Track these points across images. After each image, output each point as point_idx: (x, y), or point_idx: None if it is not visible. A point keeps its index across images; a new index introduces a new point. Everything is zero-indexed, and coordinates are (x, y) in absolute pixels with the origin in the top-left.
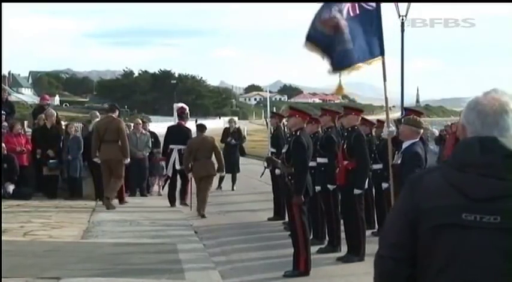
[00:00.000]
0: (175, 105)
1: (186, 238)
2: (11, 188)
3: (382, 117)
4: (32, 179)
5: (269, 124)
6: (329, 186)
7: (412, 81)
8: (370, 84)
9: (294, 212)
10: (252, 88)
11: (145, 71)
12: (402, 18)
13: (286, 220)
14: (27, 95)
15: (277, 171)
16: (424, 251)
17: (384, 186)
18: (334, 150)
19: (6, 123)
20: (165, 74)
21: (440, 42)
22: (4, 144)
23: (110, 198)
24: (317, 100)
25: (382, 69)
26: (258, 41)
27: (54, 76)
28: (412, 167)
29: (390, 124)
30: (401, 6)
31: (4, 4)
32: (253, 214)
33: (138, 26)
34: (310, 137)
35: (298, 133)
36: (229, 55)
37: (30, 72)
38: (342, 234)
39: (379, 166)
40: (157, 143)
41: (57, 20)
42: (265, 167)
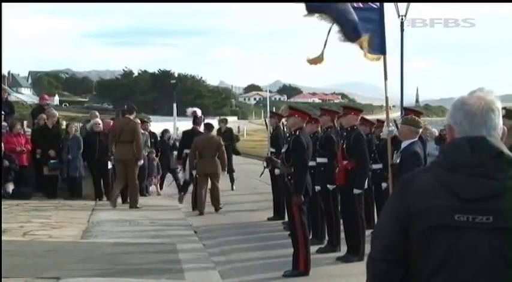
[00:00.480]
0: (188, 109)
1: (186, 238)
2: (10, 188)
3: (381, 116)
4: (32, 179)
5: (268, 124)
6: (329, 186)
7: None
8: (370, 84)
9: (293, 212)
10: (251, 88)
11: (145, 71)
12: (402, 18)
13: (286, 220)
14: (27, 95)
15: (277, 171)
16: (416, 252)
17: (384, 186)
18: (334, 150)
19: (5, 123)
20: (165, 74)
21: (440, 42)
22: (3, 144)
23: (135, 205)
24: (316, 100)
25: (384, 68)
26: (258, 41)
27: (54, 76)
28: (410, 167)
29: (390, 124)
30: (401, 6)
31: (4, 4)
32: (252, 214)
33: (138, 25)
34: (310, 136)
35: (298, 133)
36: (228, 55)
37: (29, 72)
38: (342, 234)
39: (379, 166)
40: (156, 143)
41: (57, 20)
42: (264, 167)
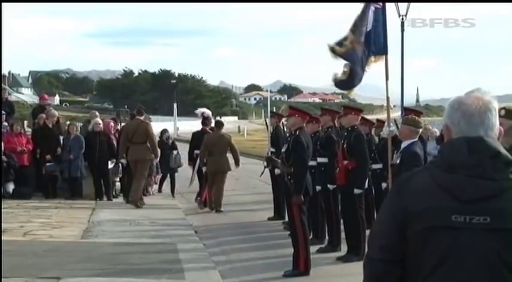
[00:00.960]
0: (198, 110)
1: (186, 238)
2: (11, 188)
3: (381, 116)
4: (32, 179)
5: (269, 124)
6: (329, 186)
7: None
8: (371, 83)
9: (293, 212)
10: (251, 88)
11: (145, 71)
12: (402, 18)
13: (286, 220)
14: (27, 95)
15: (277, 171)
16: (414, 252)
17: (384, 185)
18: (334, 150)
19: (6, 123)
20: (165, 74)
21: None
22: (4, 144)
23: (135, 200)
24: (317, 100)
25: (385, 68)
26: (258, 40)
27: (54, 76)
28: (410, 167)
29: (391, 124)
30: (401, 6)
31: (4, 4)
32: (253, 214)
33: (138, 25)
34: (311, 136)
35: (298, 133)
36: (229, 55)
37: (30, 72)
38: (342, 234)
39: (379, 166)
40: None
41: (57, 20)
42: (265, 167)
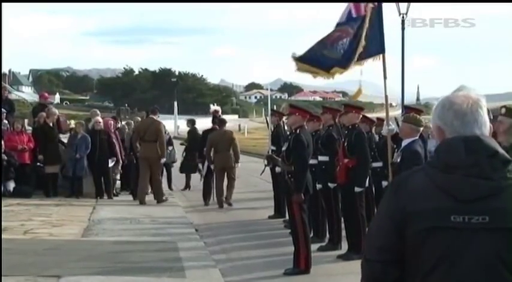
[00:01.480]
0: (212, 107)
1: (187, 236)
2: (11, 186)
3: (382, 115)
4: (33, 177)
5: (269, 122)
6: (330, 184)
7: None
8: (371, 82)
9: (294, 210)
10: (252, 86)
11: (146, 69)
12: (403, 16)
13: (287, 218)
14: (28, 93)
15: (278, 169)
16: (412, 253)
17: (384, 184)
18: (335, 149)
19: (6, 121)
20: (166, 72)
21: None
22: (4, 142)
23: (159, 199)
24: (317, 98)
25: (383, 67)
26: (258, 39)
27: (55, 74)
28: (411, 165)
29: (390, 122)
30: (402, 5)
31: (4, 4)
32: (253, 212)
33: (138, 24)
34: (312, 135)
35: (298, 131)
36: (229, 53)
37: (30, 70)
38: (343, 232)
39: (379, 164)
40: None
41: (57, 19)
42: (265, 165)
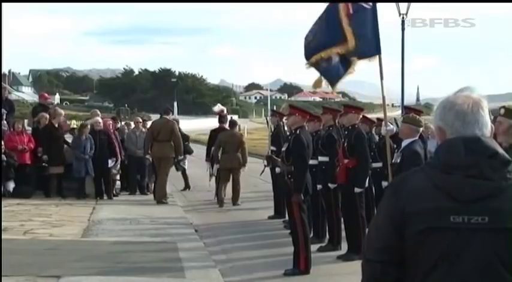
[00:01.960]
0: (216, 107)
1: (187, 236)
2: (11, 187)
3: (382, 115)
4: (33, 178)
5: (269, 122)
6: (330, 184)
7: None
8: (371, 82)
9: (294, 211)
10: (252, 86)
11: (146, 70)
12: (403, 17)
13: (287, 218)
14: (27, 94)
15: (278, 170)
16: (412, 253)
17: (384, 184)
18: (335, 149)
19: (5, 122)
20: (165, 73)
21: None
22: (5, 143)
23: (160, 197)
24: (317, 98)
25: (379, 68)
26: (258, 39)
27: (55, 74)
28: (411, 166)
29: (389, 122)
30: (402, 6)
31: (4, 4)
32: (253, 212)
33: (138, 24)
34: (313, 135)
35: (298, 131)
36: (229, 54)
37: (30, 70)
38: (342, 233)
39: (379, 164)
40: None
41: (57, 19)
42: (265, 165)
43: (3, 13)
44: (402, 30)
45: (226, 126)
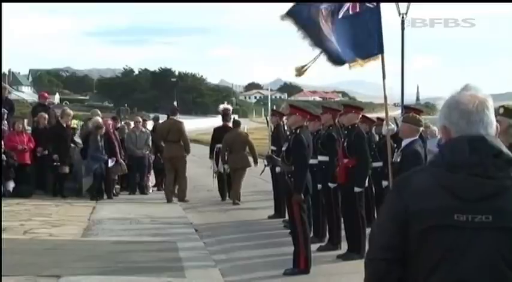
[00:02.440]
0: (220, 106)
1: (187, 236)
2: (11, 186)
3: (382, 114)
4: (33, 177)
5: (270, 122)
6: (330, 184)
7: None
8: (371, 81)
9: (294, 210)
10: (252, 86)
11: (146, 69)
12: (402, 16)
13: (287, 218)
14: (27, 93)
15: (278, 169)
16: (415, 251)
17: (384, 184)
18: (335, 149)
19: (5, 122)
20: (165, 72)
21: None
22: (5, 142)
23: (183, 199)
24: (317, 98)
25: (382, 67)
26: (258, 39)
27: (54, 74)
28: (411, 165)
29: (390, 122)
30: (402, 6)
31: (4, 4)
32: (253, 212)
33: (138, 24)
34: (313, 134)
35: (298, 131)
36: (229, 53)
37: (30, 70)
38: (342, 232)
39: (379, 164)
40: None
41: (57, 19)
42: (265, 165)
43: (3, 13)
44: (402, 30)
45: (230, 124)
